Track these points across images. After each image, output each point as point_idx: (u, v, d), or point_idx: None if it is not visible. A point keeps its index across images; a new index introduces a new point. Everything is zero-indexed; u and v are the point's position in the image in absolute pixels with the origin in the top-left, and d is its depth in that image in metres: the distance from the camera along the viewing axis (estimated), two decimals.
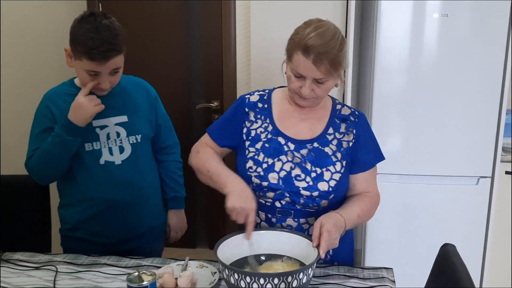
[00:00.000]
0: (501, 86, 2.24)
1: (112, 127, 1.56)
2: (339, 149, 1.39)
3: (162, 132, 1.74)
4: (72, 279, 1.35)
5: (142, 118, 1.63)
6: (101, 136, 1.55)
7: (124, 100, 1.60)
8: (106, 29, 1.40)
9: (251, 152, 1.40)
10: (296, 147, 1.38)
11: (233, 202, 1.26)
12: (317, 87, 1.30)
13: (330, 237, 1.20)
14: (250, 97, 1.47)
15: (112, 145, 1.56)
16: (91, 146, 1.54)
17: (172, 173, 1.79)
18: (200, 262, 1.41)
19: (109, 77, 1.47)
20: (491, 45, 2.19)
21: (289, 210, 1.37)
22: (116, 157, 1.57)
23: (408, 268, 2.00)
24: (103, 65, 1.42)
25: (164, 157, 1.77)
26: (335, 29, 1.30)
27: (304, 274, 1.11)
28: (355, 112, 1.44)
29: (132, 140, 1.59)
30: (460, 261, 1.11)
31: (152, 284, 1.16)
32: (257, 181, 1.36)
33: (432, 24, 2.20)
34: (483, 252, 2.38)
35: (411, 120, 2.31)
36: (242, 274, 1.10)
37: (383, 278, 1.35)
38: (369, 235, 2.43)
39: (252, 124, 1.43)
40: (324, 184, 1.34)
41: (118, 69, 1.48)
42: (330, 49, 1.25)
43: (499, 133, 2.28)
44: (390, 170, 2.35)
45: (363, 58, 2.66)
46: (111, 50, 1.41)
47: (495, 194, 2.33)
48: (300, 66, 1.27)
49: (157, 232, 1.76)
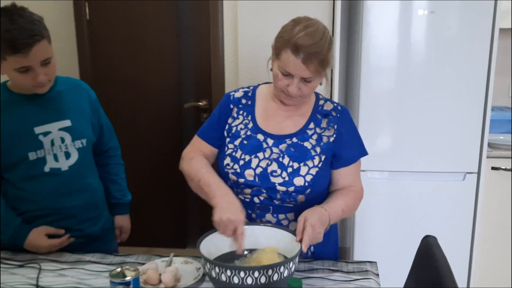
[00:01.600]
0: (486, 82, 2.26)
1: (55, 133, 1.49)
2: (319, 144, 1.39)
3: (105, 134, 1.70)
4: (56, 276, 1.35)
5: (86, 122, 1.58)
6: (45, 143, 1.47)
7: (66, 103, 1.53)
8: (20, 17, 1.33)
9: (229, 149, 1.41)
10: (275, 143, 1.39)
11: (219, 215, 1.24)
12: (304, 86, 1.31)
13: (314, 231, 1.20)
14: (235, 94, 1.47)
15: (57, 151, 1.49)
16: (35, 155, 1.46)
17: (115, 176, 1.76)
18: (185, 258, 1.41)
19: (43, 69, 1.38)
20: (476, 42, 2.22)
21: (268, 206, 1.38)
22: (62, 163, 1.51)
23: (397, 264, 2.00)
24: (29, 56, 1.33)
25: (107, 160, 1.74)
26: (324, 28, 1.30)
27: (285, 268, 1.12)
28: (338, 107, 1.44)
29: (78, 145, 1.53)
30: (440, 252, 1.12)
31: (135, 280, 1.15)
32: (234, 178, 1.37)
33: (418, 22, 2.22)
34: (470, 246, 2.40)
35: (398, 118, 2.33)
36: (222, 268, 1.10)
37: (366, 272, 1.36)
38: (357, 232, 2.44)
39: (234, 120, 1.44)
40: (300, 179, 1.34)
41: (49, 59, 1.39)
42: (320, 49, 1.25)
43: (485, 129, 2.31)
44: (378, 167, 2.37)
45: (350, 56, 2.67)
46: (32, 36, 1.32)
47: (481, 189, 2.35)
48: (289, 64, 1.27)
49: (109, 234, 1.73)
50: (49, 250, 1.47)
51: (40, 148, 1.47)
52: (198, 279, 1.29)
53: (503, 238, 2.48)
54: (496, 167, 2.40)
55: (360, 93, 2.33)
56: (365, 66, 2.29)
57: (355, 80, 2.44)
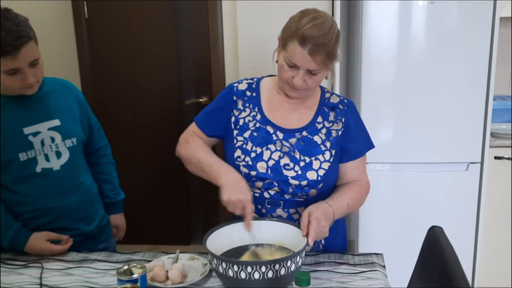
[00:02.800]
0: (488, 72, 2.26)
1: (45, 133, 1.48)
2: (328, 138, 1.38)
3: (95, 133, 1.69)
4: (62, 275, 1.35)
5: (75, 121, 1.57)
6: (34, 143, 1.46)
7: (54, 103, 1.52)
8: (6, 19, 1.31)
9: (239, 141, 1.39)
10: (285, 136, 1.38)
11: (228, 195, 1.24)
12: (310, 78, 1.30)
13: (319, 225, 1.20)
14: (239, 86, 1.45)
15: (48, 151, 1.48)
16: (26, 156, 1.45)
17: (107, 175, 1.75)
18: (191, 254, 1.40)
19: (31, 70, 1.38)
20: (477, 32, 2.20)
21: (278, 200, 1.37)
22: (54, 162, 1.50)
23: (402, 255, 2.01)
24: (18, 58, 1.32)
25: (98, 160, 1.74)
26: (332, 21, 1.29)
27: (292, 262, 1.12)
28: (344, 100, 1.43)
29: (68, 144, 1.53)
30: (447, 242, 1.12)
31: (143, 277, 1.16)
32: (246, 171, 1.36)
33: (418, 12, 2.21)
34: (475, 236, 2.40)
35: (400, 109, 2.32)
36: (229, 263, 1.10)
37: (373, 264, 1.36)
38: (362, 225, 2.44)
39: (240, 112, 1.42)
40: (312, 173, 1.34)
41: (37, 60, 1.39)
42: (327, 41, 1.24)
43: (487, 119, 2.30)
44: (382, 159, 2.36)
45: (351, 48, 2.66)
46: (19, 37, 1.31)
47: (484, 179, 2.35)
48: (296, 56, 1.25)
49: (105, 232, 1.72)
50: (50, 254, 1.46)
51: (30, 149, 1.46)
52: (205, 275, 1.29)
53: (507, 226, 2.48)
54: (499, 157, 2.40)
55: (361, 85, 2.32)
56: (366, 58, 2.28)
57: (356, 72, 2.44)
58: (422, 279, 1.23)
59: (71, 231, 1.55)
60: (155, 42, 2.87)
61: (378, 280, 1.27)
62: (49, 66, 2.24)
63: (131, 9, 2.82)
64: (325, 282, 1.27)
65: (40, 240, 1.47)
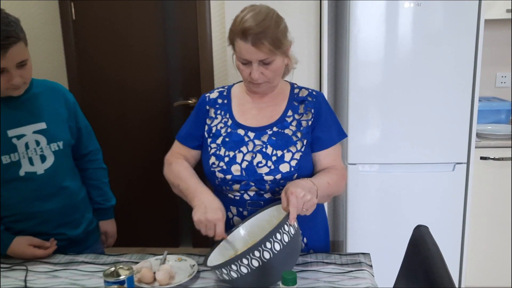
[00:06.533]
0: (473, 73, 2.29)
1: (30, 136, 1.46)
2: (299, 129, 1.40)
3: (84, 137, 1.67)
4: (48, 277, 1.34)
5: (62, 124, 1.54)
6: (18, 146, 1.44)
7: (41, 105, 1.50)
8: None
9: (213, 148, 1.41)
10: (256, 135, 1.39)
11: (198, 215, 1.24)
12: (265, 69, 1.32)
13: (297, 198, 1.16)
14: (210, 95, 1.50)
15: (32, 155, 1.46)
16: (9, 159, 1.43)
17: (97, 181, 1.73)
18: (179, 255, 1.40)
19: (18, 71, 1.37)
20: (463, 34, 2.24)
21: (258, 201, 1.38)
22: (38, 166, 1.47)
23: (389, 254, 2.03)
24: (5, 58, 1.31)
25: (87, 164, 1.71)
26: (268, 9, 1.32)
27: (272, 242, 1.08)
28: (313, 92, 1.46)
29: (54, 148, 1.50)
30: (432, 241, 1.14)
31: (129, 279, 1.15)
32: (221, 176, 1.37)
33: (405, 15, 2.24)
34: (462, 235, 2.43)
35: (387, 111, 2.34)
36: (219, 269, 1.11)
37: (360, 263, 1.36)
38: (350, 225, 2.45)
39: (212, 121, 1.45)
40: (285, 165, 1.35)
41: (25, 61, 1.37)
42: (265, 28, 1.26)
43: (473, 120, 2.33)
44: (369, 160, 2.38)
45: (338, 51, 2.68)
46: (8, 37, 1.30)
47: (471, 179, 2.38)
48: (243, 51, 1.29)
49: (93, 237, 1.70)
50: (33, 259, 1.44)
51: (13, 152, 1.44)
52: (192, 276, 1.28)
53: (493, 226, 2.51)
54: (485, 157, 2.43)
55: (349, 87, 2.34)
56: (353, 60, 2.30)
57: (343, 74, 2.45)
58: (407, 278, 1.24)
59: (55, 235, 1.53)
60: (142, 43, 2.86)
61: (365, 279, 1.28)
62: (36, 67, 2.21)
63: (118, 10, 2.81)
64: (312, 282, 1.27)
65: (23, 244, 1.45)
